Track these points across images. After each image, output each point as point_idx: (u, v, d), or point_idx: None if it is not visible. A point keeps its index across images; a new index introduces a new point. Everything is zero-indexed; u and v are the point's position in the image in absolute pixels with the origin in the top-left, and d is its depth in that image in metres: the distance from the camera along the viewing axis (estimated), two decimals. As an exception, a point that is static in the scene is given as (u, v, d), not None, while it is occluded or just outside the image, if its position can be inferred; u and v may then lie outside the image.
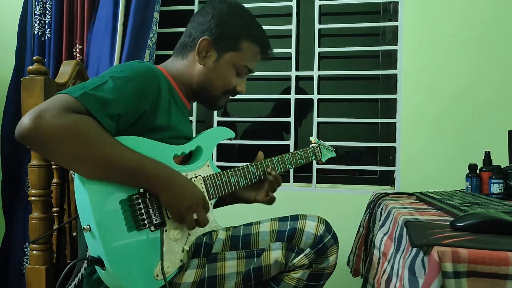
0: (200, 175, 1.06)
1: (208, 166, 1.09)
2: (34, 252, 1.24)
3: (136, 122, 0.97)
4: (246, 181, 1.14)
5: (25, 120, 0.83)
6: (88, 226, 0.89)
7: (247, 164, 1.16)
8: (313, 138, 1.38)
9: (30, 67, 1.24)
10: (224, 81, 1.12)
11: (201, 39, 1.09)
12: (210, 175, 1.07)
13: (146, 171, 0.92)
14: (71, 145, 0.85)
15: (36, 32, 2.02)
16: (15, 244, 2.02)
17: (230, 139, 1.19)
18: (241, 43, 1.11)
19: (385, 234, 1.02)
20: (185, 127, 1.11)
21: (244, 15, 1.14)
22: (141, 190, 0.95)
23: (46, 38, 2.02)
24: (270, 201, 1.19)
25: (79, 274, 1.08)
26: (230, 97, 1.18)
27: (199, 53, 1.10)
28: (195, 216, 0.98)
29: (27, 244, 2.00)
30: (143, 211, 0.94)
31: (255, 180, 1.16)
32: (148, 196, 0.95)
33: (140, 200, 0.94)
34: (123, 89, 0.93)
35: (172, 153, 1.02)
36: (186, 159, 1.09)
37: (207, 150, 1.10)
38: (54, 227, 1.31)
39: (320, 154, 1.33)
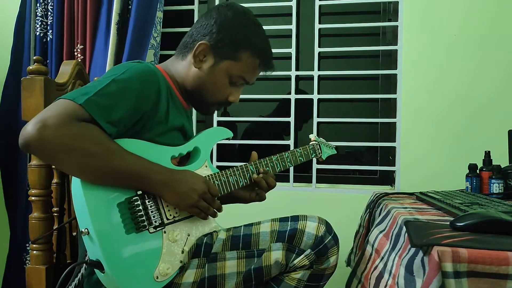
0: None
1: (206, 166, 1.09)
2: (34, 252, 1.24)
3: (136, 123, 0.97)
4: (245, 180, 1.13)
5: (29, 129, 0.83)
6: (86, 230, 0.89)
7: (246, 164, 1.16)
8: (312, 136, 1.37)
9: (30, 67, 1.24)
10: (217, 88, 1.10)
11: (199, 42, 1.07)
12: (208, 176, 1.07)
13: (151, 176, 0.94)
14: (77, 156, 0.86)
15: (38, 33, 2.02)
16: (18, 242, 2.00)
17: (228, 139, 1.18)
18: (241, 53, 1.07)
19: (381, 232, 1.02)
20: (184, 125, 1.10)
21: (249, 24, 1.10)
22: (139, 192, 0.95)
23: (48, 39, 2.01)
24: (259, 199, 1.19)
25: (80, 275, 1.08)
26: (223, 106, 1.16)
27: (195, 56, 1.08)
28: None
29: (30, 242, 1.99)
30: (142, 213, 0.94)
31: None
32: (146, 198, 0.96)
33: (139, 202, 0.95)
34: (125, 92, 0.93)
35: (169, 155, 1.02)
36: (183, 160, 1.09)
37: (205, 151, 1.10)
38: (54, 227, 1.31)
39: (320, 151, 1.32)
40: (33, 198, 1.25)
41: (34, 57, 1.27)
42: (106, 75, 0.97)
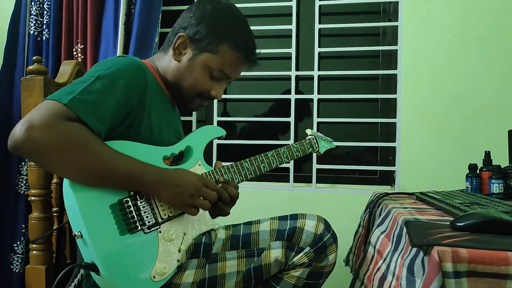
0: None
1: (199, 165, 1.08)
2: (34, 252, 1.23)
3: (125, 119, 0.97)
4: (240, 177, 1.13)
5: (17, 131, 0.83)
6: (79, 233, 0.88)
7: (241, 161, 1.15)
8: (309, 131, 1.35)
9: (30, 67, 1.24)
10: (195, 81, 1.07)
11: (178, 35, 1.07)
12: (202, 174, 1.07)
13: (144, 176, 0.93)
14: (66, 156, 0.86)
15: (32, 32, 2.01)
16: (4, 242, 1.99)
17: (222, 137, 1.17)
18: (219, 46, 1.06)
19: (382, 233, 1.02)
20: (172, 122, 1.10)
21: (229, 18, 1.09)
22: (132, 193, 0.95)
23: (43, 38, 2.01)
24: (222, 213, 1.08)
25: (79, 275, 1.08)
26: (206, 101, 1.13)
27: (175, 49, 1.07)
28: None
29: (18, 242, 1.98)
30: (134, 213, 0.94)
31: (250, 176, 1.15)
32: (138, 199, 0.95)
33: (130, 203, 0.94)
34: (112, 87, 0.92)
35: (161, 155, 1.02)
36: (176, 159, 1.09)
37: (198, 150, 1.09)
38: (54, 227, 1.31)
39: (317, 145, 1.31)
40: (32, 198, 1.25)
41: (34, 57, 1.27)
42: (91, 71, 0.96)
